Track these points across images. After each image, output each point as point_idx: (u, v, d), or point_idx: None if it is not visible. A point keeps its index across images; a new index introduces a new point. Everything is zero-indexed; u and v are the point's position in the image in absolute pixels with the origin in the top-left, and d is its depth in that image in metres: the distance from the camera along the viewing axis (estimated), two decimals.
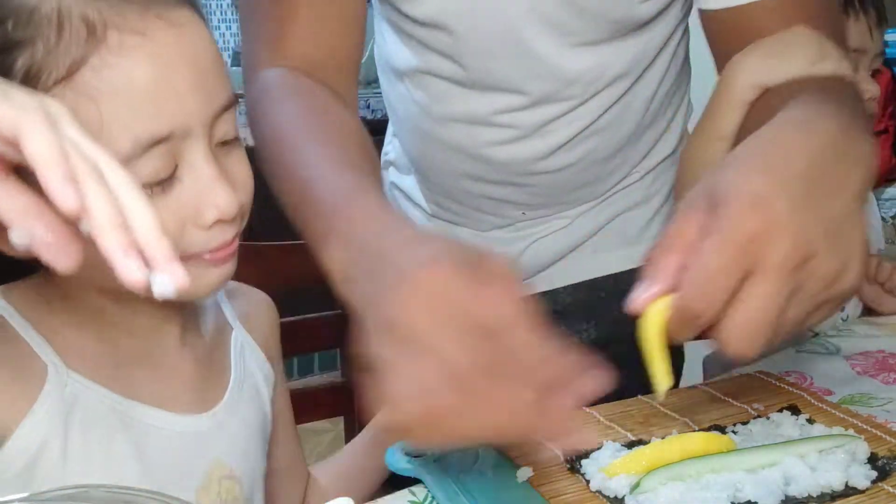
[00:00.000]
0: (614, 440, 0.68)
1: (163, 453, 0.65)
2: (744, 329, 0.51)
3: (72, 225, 0.40)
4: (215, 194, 0.58)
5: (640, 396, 0.76)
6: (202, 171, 0.58)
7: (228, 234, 0.61)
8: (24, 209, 0.40)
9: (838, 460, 0.63)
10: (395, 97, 0.99)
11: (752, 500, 0.59)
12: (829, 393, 0.79)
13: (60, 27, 0.54)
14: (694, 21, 0.93)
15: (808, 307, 0.53)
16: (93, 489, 0.43)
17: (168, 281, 0.41)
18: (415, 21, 0.88)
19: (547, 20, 0.85)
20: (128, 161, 0.54)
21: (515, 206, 1.00)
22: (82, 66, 0.54)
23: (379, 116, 2.33)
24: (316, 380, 3.00)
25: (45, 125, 0.40)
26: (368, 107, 2.56)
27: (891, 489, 0.61)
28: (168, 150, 0.57)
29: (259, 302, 0.81)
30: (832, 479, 0.61)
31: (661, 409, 0.74)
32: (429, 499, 0.63)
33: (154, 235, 0.41)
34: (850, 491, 0.61)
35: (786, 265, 0.50)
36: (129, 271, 0.40)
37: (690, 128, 1.05)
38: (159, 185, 0.57)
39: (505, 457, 0.67)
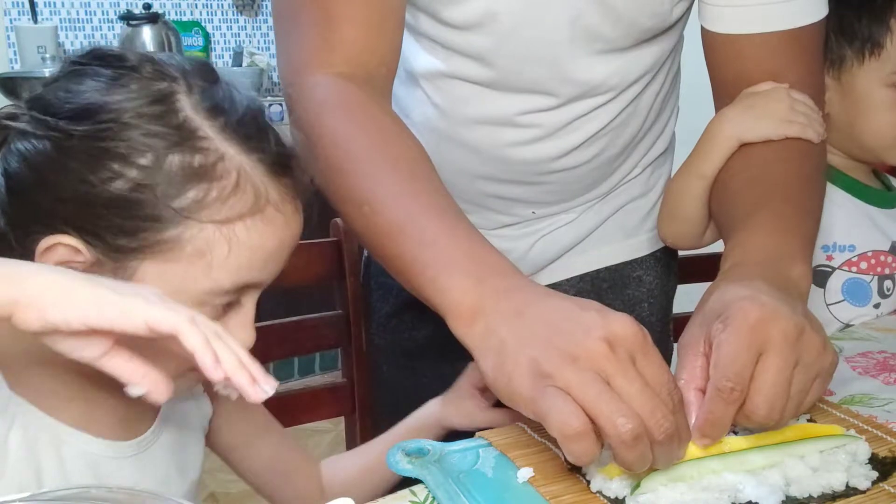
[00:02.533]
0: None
1: (84, 474, 0.70)
2: (766, 398, 0.60)
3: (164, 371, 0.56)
4: (244, 334, 0.68)
5: None
6: (245, 313, 0.69)
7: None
8: (137, 371, 0.55)
9: (839, 461, 0.63)
10: (409, 100, 1.00)
11: (753, 501, 0.59)
12: (830, 393, 0.79)
13: (237, 185, 0.64)
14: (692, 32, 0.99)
15: (808, 378, 0.63)
16: (93, 489, 0.43)
17: (269, 389, 0.56)
18: (453, 26, 0.89)
19: (585, 27, 0.88)
20: (218, 294, 0.65)
21: (527, 205, 1.02)
22: (239, 221, 0.64)
23: None
24: (317, 380, 3.01)
25: (192, 324, 0.54)
26: None
27: (892, 489, 0.61)
28: (242, 293, 0.68)
29: None
30: (833, 479, 0.61)
31: None
32: (429, 499, 0.63)
33: (256, 369, 0.56)
34: (850, 491, 0.61)
35: (788, 339, 0.61)
36: (256, 393, 0.55)
37: (677, 129, 1.11)
38: (222, 313, 0.67)
39: (505, 457, 0.67)
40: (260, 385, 0.55)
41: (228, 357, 0.55)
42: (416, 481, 0.65)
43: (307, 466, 0.92)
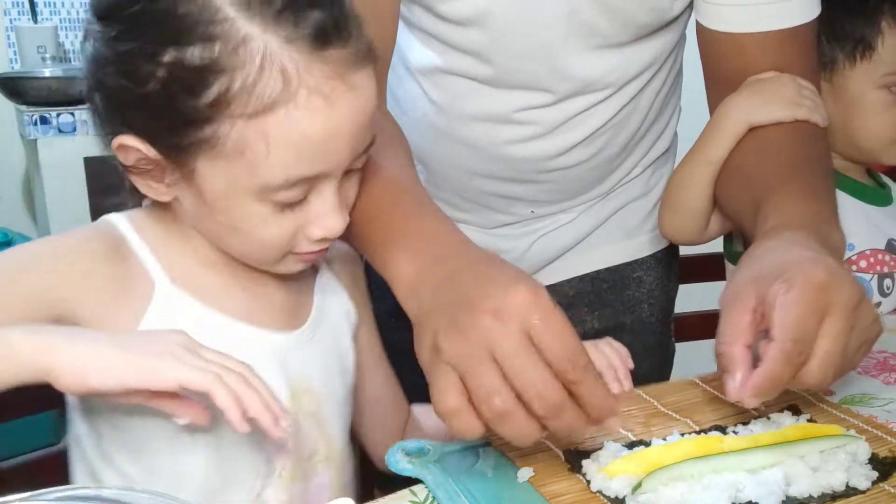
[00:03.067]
0: (615, 440, 0.68)
1: (255, 364, 0.70)
2: (821, 363, 0.61)
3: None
4: (330, 219, 0.68)
5: (641, 393, 0.77)
6: (326, 200, 0.67)
7: (325, 245, 0.71)
8: (181, 406, 0.62)
9: (839, 461, 0.63)
10: (406, 95, 1.00)
11: (754, 501, 0.59)
12: (830, 393, 0.79)
13: (262, 69, 0.60)
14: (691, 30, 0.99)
15: (858, 345, 0.64)
16: (93, 489, 0.43)
17: (286, 426, 0.62)
18: (449, 21, 0.89)
19: (580, 23, 0.88)
20: (273, 190, 0.64)
21: (526, 204, 1.02)
22: (269, 113, 0.60)
23: None
24: None
25: (219, 383, 0.59)
26: None
27: (892, 490, 0.61)
28: (308, 183, 0.65)
29: (345, 254, 0.86)
30: (833, 479, 0.61)
31: (663, 409, 0.74)
32: (429, 499, 0.63)
33: (278, 408, 0.62)
34: (850, 491, 0.61)
35: (849, 305, 0.62)
36: (277, 432, 0.62)
37: (679, 128, 1.11)
38: (289, 206, 0.66)
39: (505, 457, 0.67)
40: (280, 424, 0.61)
41: (254, 404, 0.60)
42: (416, 481, 0.65)
43: (402, 407, 0.91)
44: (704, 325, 1.16)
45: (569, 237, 1.05)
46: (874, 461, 0.64)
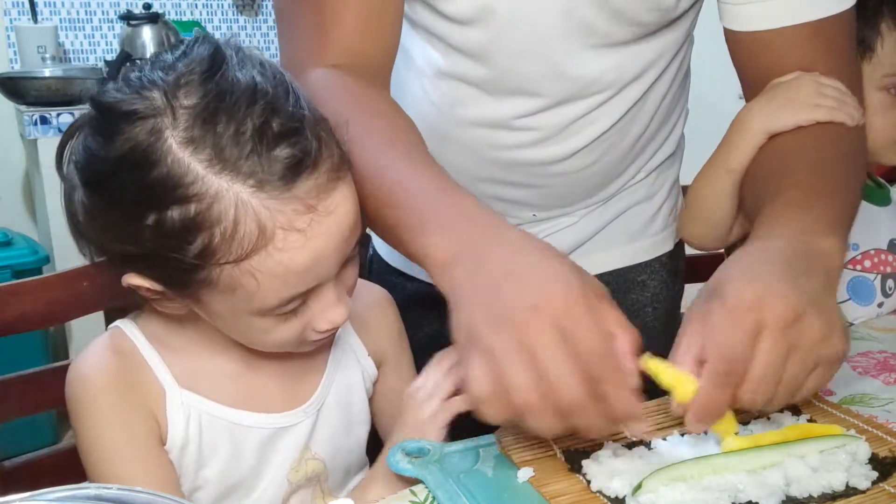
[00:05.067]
0: (615, 440, 0.68)
1: (257, 449, 0.77)
2: (751, 382, 0.59)
3: None
4: (333, 313, 0.71)
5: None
6: (326, 298, 0.70)
7: (334, 330, 0.73)
8: None
9: (839, 461, 0.63)
10: (409, 97, 0.99)
11: (754, 501, 0.59)
12: (830, 393, 0.79)
13: (236, 223, 0.62)
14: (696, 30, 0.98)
15: (805, 366, 0.61)
16: (93, 489, 0.43)
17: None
18: (451, 20, 0.88)
19: (579, 20, 0.87)
20: (271, 310, 0.67)
21: (528, 208, 1.01)
22: (250, 257, 0.64)
23: None
24: None
25: None
26: None
27: (892, 490, 0.61)
28: (304, 296, 0.68)
29: (376, 302, 0.90)
30: (833, 479, 0.61)
31: (663, 409, 0.74)
32: (429, 499, 0.63)
33: None
34: (850, 491, 0.61)
35: (781, 322, 0.59)
36: None
37: (686, 132, 1.09)
38: (292, 313, 0.69)
39: (505, 457, 0.67)
40: None
41: None
42: (416, 481, 0.65)
43: None
44: None
45: (571, 240, 1.04)
46: (874, 461, 0.64)
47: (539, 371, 0.57)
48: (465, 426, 0.69)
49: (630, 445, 0.67)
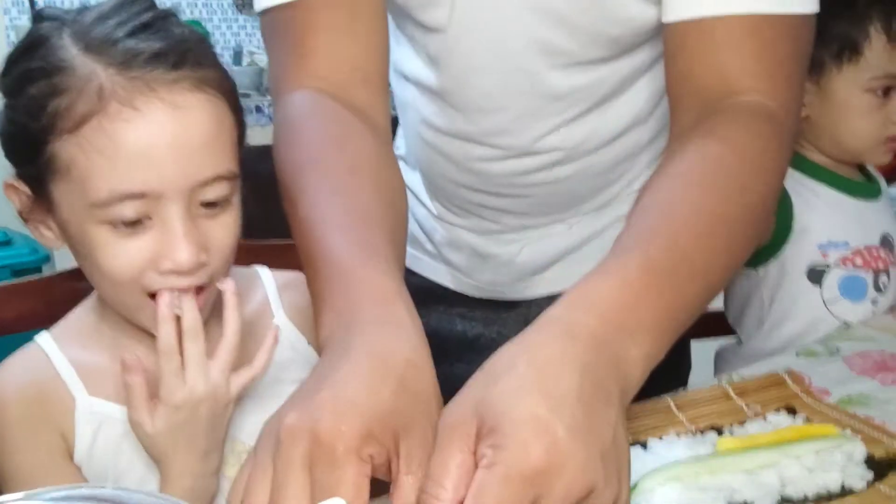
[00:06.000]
0: None
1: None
2: None
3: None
4: (175, 249, 0.67)
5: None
6: (170, 228, 0.67)
7: (183, 282, 0.69)
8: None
9: (835, 461, 0.63)
10: (401, 101, 0.99)
11: (749, 501, 0.59)
12: (827, 393, 0.79)
13: (81, 91, 0.66)
14: None
15: None
16: (93, 489, 0.43)
17: None
18: (426, 29, 0.87)
19: (540, 40, 0.84)
20: (104, 205, 0.66)
21: (514, 216, 1.00)
22: (84, 125, 0.65)
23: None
24: None
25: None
26: None
27: (887, 490, 0.61)
28: (142, 204, 0.67)
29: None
30: (829, 479, 0.62)
31: (659, 409, 0.74)
32: None
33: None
34: (846, 492, 0.61)
35: (568, 499, 0.47)
36: None
37: None
38: (128, 227, 0.67)
39: None
40: None
41: None
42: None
43: None
44: (706, 325, 1.15)
45: (562, 246, 1.02)
46: (870, 461, 0.65)
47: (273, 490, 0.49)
48: None
49: None
